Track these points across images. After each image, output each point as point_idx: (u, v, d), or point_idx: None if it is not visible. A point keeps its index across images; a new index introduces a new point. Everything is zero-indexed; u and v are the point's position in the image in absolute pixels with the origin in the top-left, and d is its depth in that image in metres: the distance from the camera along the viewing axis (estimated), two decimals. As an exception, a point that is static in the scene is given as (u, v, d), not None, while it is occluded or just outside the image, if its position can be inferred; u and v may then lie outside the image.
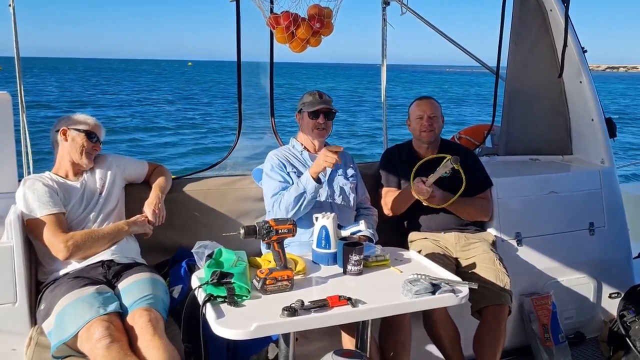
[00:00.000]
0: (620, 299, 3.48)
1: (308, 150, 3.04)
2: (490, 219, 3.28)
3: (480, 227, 3.28)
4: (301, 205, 2.74)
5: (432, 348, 3.06)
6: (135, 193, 2.87)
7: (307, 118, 2.96)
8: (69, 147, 2.67)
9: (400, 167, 3.22)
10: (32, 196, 2.49)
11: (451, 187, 2.99)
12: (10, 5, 3.08)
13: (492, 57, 4.14)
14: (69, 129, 2.67)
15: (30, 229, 2.50)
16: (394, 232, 3.22)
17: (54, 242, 2.43)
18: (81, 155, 2.66)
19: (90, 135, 2.69)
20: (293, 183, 2.89)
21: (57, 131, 2.69)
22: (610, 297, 3.65)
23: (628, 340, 3.19)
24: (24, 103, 3.19)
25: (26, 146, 3.16)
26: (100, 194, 2.69)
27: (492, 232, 3.28)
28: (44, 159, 2.77)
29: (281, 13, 2.64)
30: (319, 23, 2.65)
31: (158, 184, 2.89)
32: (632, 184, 7.16)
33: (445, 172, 2.85)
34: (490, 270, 2.89)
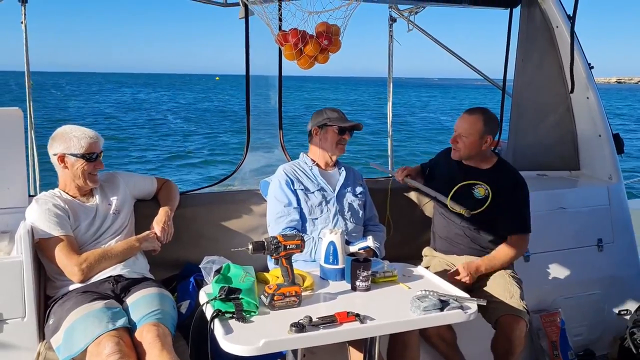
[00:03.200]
0: (630, 315, 3.45)
1: (319, 166, 3.05)
2: None
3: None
4: None
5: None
6: (144, 210, 2.88)
7: (333, 132, 2.96)
8: (70, 174, 2.60)
9: (441, 168, 3.19)
10: (44, 216, 2.49)
11: (484, 216, 2.93)
12: (22, 23, 3.13)
13: (498, 72, 4.16)
14: (65, 155, 2.58)
15: (42, 250, 2.50)
16: (406, 247, 3.22)
17: (68, 265, 2.44)
18: (85, 180, 2.60)
19: (88, 157, 2.58)
20: (299, 202, 2.90)
21: (55, 155, 2.60)
22: (619, 314, 3.63)
23: (638, 359, 3.16)
24: (32, 119, 3.23)
25: (34, 163, 3.19)
26: (112, 213, 2.68)
27: None
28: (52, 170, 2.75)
29: (289, 30, 2.67)
30: (327, 40, 2.68)
31: (166, 201, 2.90)
32: (640, 200, 7.12)
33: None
34: (500, 284, 2.88)
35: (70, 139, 2.57)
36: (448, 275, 2.80)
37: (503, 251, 2.94)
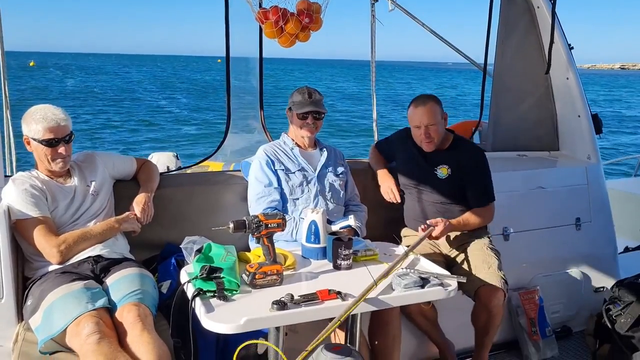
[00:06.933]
0: (606, 293, 3.52)
1: (299, 146, 3.04)
2: None
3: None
4: None
5: (422, 342, 3.08)
6: (123, 191, 2.84)
7: (296, 118, 2.95)
8: (36, 156, 2.55)
9: (401, 152, 3.22)
10: (22, 197, 2.44)
11: (451, 192, 3.03)
12: None
13: (480, 54, 4.18)
14: (28, 138, 2.50)
15: (19, 231, 2.46)
16: (387, 227, 3.24)
17: (46, 246, 2.40)
18: (50, 163, 2.53)
19: (49, 143, 2.48)
20: (280, 182, 2.89)
21: (23, 137, 2.54)
22: (596, 291, 3.70)
23: (614, 334, 3.23)
24: (8, 99, 3.16)
25: (9, 143, 3.13)
26: (91, 194, 2.63)
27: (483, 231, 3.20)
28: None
29: (270, 8, 2.64)
30: (308, 18, 2.66)
31: (146, 181, 2.87)
32: (618, 180, 7.24)
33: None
34: (478, 257, 2.94)
35: (30, 123, 2.49)
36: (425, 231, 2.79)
37: (473, 217, 2.99)
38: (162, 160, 5.63)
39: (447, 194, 3.03)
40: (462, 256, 3.00)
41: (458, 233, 3.05)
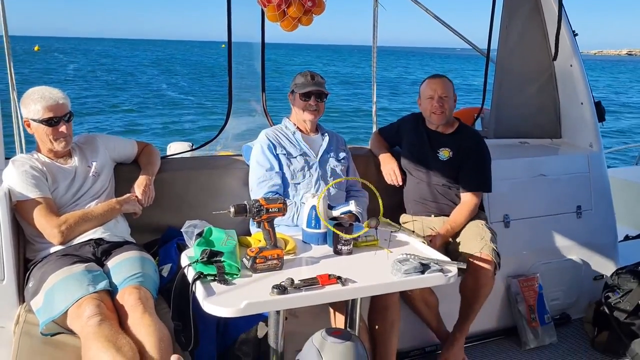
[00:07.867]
0: (605, 281, 3.53)
1: (301, 131, 3.03)
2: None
3: None
4: None
5: (421, 328, 3.10)
6: (124, 174, 2.84)
7: (299, 99, 2.95)
8: (38, 137, 2.55)
9: (408, 135, 3.30)
10: (22, 178, 2.44)
11: (450, 174, 3.12)
12: None
13: (483, 40, 4.15)
14: (28, 120, 2.50)
15: (20, 212, 2.46)
16: (387, 214, 3.25)
17: (47, 227, 2.40)
18: (51, 143, 2.53)
19: (49, 122, 2.48)
20: (281, 166, 2.88)
21: (24, 119, 2.54)
22: (595, 279, 3.70)
23: (612, 321, 3.24)
24: (14, 81, 3.15)
25: (18, 125, 3.12)
26: (91, 176, 2.63)
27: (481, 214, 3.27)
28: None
29: (272, -9, 2.62)
30: (311, 2, 2.65)
31: (147, 164, 2.87)
32: (619, 168, 7.23)
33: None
34: (474, 231, 3.01)
35: (29, 104, 2.48)
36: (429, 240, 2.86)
37: (458, 213, 3.07)
38: (179, 149, 5.66)
39: (447, 175, 3.11)
40: (459, 236, 3.05)
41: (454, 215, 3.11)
